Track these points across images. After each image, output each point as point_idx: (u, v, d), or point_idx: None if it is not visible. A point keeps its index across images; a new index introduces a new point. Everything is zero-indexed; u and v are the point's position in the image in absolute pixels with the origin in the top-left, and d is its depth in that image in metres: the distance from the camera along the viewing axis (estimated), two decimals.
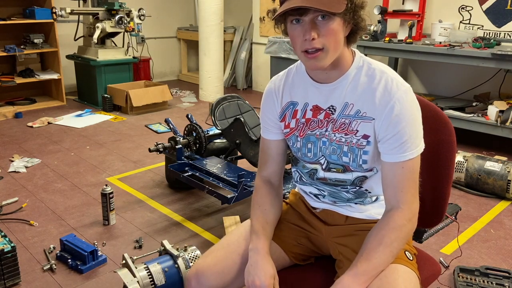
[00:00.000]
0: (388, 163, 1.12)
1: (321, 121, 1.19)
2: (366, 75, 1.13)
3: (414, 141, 1.10)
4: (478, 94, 4.15)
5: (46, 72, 5.22)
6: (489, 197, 2.94)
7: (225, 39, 5.95)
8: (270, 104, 1.28)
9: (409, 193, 1.12)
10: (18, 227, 2.51)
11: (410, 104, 1.09)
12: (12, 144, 3.88)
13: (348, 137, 1.15)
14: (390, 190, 1.13)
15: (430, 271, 1.31)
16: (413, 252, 1.22)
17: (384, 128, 1.10)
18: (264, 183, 1.33)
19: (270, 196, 1.30)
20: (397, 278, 1.07)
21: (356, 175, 1.19)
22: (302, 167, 1.28)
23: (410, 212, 1.12)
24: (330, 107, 1.17)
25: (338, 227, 1.27)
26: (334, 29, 1.03)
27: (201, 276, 1.21)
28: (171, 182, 3.06)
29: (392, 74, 1.13)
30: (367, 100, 1.11)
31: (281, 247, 1.29)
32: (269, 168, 1.33)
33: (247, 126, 2.66)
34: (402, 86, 1.10)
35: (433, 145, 1.28)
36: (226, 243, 1.28)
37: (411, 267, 1.13)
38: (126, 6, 5.11)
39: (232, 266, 1.22)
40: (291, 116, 1.24)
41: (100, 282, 2.05)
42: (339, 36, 1.05)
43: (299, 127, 1.23)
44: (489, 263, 2.21)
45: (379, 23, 4.03)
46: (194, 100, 5.61)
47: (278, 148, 1.31)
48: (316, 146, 1.21)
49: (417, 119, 1.11)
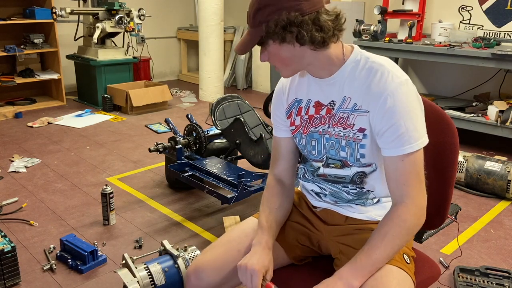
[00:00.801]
0: (388, 158, 1.12)
1: (323, 117, 1.20)
2: (364, 68, 1.13)
3: (412, 134, 1.08)
4: (478, 94, 4.15)
5: (46, 72, 5.22)
6: (489, 197, 2.94)
7: (225, 39, 5.95)
8: (278, 102, 1.31)
9: (413, 186, 1.10)
10: (18, 227, 2.51)
11: (405, 96, 1.08)
12: (12, 144, 3.88)
13: (346, 131, 1.16)
14: (393, 185, 1.13)
15: (429, 273, 1.30)
16: (411, 255, 1.22)
17: (379, 121, 1.10)
18: (276, 182, 1.33)
19: (280, 197, 1.31)
20: (392, 280, 1.07)
21: (355, 171, 1.19)
22: (309, 166, 1.30)
23: (415, 207, 1.10)
24: (331, 102, 1.18)
25: (338, 227, 1.28)
26: (272, 52, 1.11)
27: (200, 272, 1.22)
28: (171, 182, 3.06)
29: (390, 66, 1.12)
30: (363, 93, 1.12)
31: (282, 246, 1.30)
32: (280, 166, 1.34)
33: (247, 126, 2.66)
34: (397, 78, 1.09)
35: (436, 147, 1.27)
36: (227, 240, 1.29)
37: (407, 271, 1.13)
38: (126, 6, 5.11)
39: (232, 262, 1.22)
40: (296, 113, 1.26)
41: (100, 282, 2.05)
42: (281, 55, 1.11)
43: (303, 124, 1.25)
44: (489, 263, 2.21)
45: (379, 23, 4.03)
46: (194, 100, 5.61)
47: (288, 146, 1.33)
48: (320, 143, 1.22)
49: (413, 111, 1.09)
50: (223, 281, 1.22)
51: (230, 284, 1.24)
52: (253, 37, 1.09)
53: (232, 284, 1.24)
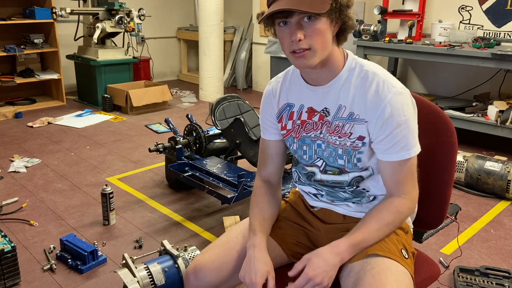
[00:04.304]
0: (384, 162, 1.15)
1: (316, 123, 1.20)
2: (359, 77, 1.14)
3: (409, 141, 1.12)
4: (478, 94, 4.15)
5: (46, 72, 5.22)
6: (489, 197, 2.94)
7: (225, 39, 5.95)
8: (268, 105, 1.31)
9: (409, 184, 1.17)
10: (18, 227, 2.51)
11: (401, 106, 1.10)
12: (12, 144, 3.88)
13: (342, 140, 1.16)
14: (390, 184, 1.18)
15: (428, 272, 1.30)
16: (410, 251, 1.22)
17: (377, 130, 1.12)
18: (263, 182, 1.35)
19: (268, 195, 1.33)
20: (389, 276, 1.07)
21: (353, 176, 1.21)
22: (301, 168, 1.30)
23: (410, 201, 1.18)
24: (324, 109, 1.19)
25: (336, 225, 1.29)
26: (321, 30, 1.05)
27: (199, 272, 1.23)
28: (171, 182, 3.07)
29: (384, 75, 1.13)
30: (359, 102, 1.13)
31: (280, 245, 1.31)
32: (268, 168, 1.35)
33: (247, 126, 2.67)
34: (393, 88, 1.10)
35: (434, 146, 1.27)
36: (225, 240, 1.29)
37: (406, 266, 1.13)
38: (126, 6, 5.11)
39: (230, 262, 1.23)
40: (287, 117, 1.26)
41: (100, 282, 2.05)
42: (326, 36, 1.06)
43: (295, 128, 1.25)
44: (489, 263, 2.21)
45: (379, 23, 4.03)
46: (194, 100, 5.61)
47: (277, 148, 1.33)
48: (311, 149, 1.23)
49: (410, 119, 1.12)
50: (222, 281, 1.23)
51: (229, 284, 1.25)
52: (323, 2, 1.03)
53: (231, 284, 1.25)
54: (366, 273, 1.09)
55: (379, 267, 1.09)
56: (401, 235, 1.22)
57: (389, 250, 1.14)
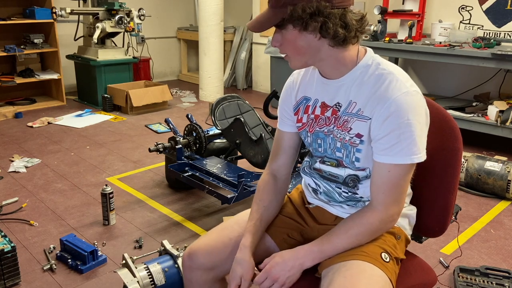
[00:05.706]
0: (377, 163, 1.13)
1: (329, 118, 1.20)
2: (373, 74, 1.12)
3: (408, 147, 1.07)
4: (478, 94, 4.15)
5: (46, 72, 5.22)
6: (489, 197, 2.94)
7: (225, 39, 5.95)
8: (287, 96, 1.32)
9: (390, 197, 1.13)
10: (18, 227, 2.51)
11: (408, 107, 1.06)
12: (12, 144, 3.88)
13: (343, 134, 1.17)
14: (373, 188, 1.15)
15: (422, 279, 1.25)
16: (394, 256, 1.18)
17: (378, 127, 1.10)
18: (270, 177, 1.35)
19: (271, 194, 1.33)
20: (362, 279, 1.07)
21: (348, 173, 1.20)
22: (314, 161, 1.31)
23: (385, 214, 1.14)
24: (337, 104, 1.18)
25: (326, 226, 1.29)
26: (288, 38, 1.09)
27: (192, 255, 1.29)
28: (171, 182, 3.06)
29: (399, 75, 1.11)
30: (368, 99, 1.11)
31: (274, 239, 1.33)
32: (279, 160, 1.35)
33: (247, 126, 2.66)
34: (404, 88, 1.08)
35: (439, 153, 1.23)
36: (221, 228, 1.35)
37: (384, 270, 1.11)
38: (126, 6, 5.11)
39: (222, 248, 1.28)
40: (303, 111, 1.27)
41: (100, 282, 2.05)
42: (296, 43, 1.09)
43: (309, 122, 1.25)
44: (489, 263, 2.21)
45: (379, 23, 4.03)
46: (194, 100, 5.61)
47: (290, 141, 1.34)
48: (325, 142, 1.23)
49: (414, 125, 1.07)
50: (214, 265, 1.28)
51: (221, 269, 1.29)
52: (274, 17, 1.06)
53: (223, 269, 1.29)
54: (340, 274, 1.09)
55: (354, 269, 1.09)
56: (387, 240, 1.19)
57: (367, 253, 1.13)
